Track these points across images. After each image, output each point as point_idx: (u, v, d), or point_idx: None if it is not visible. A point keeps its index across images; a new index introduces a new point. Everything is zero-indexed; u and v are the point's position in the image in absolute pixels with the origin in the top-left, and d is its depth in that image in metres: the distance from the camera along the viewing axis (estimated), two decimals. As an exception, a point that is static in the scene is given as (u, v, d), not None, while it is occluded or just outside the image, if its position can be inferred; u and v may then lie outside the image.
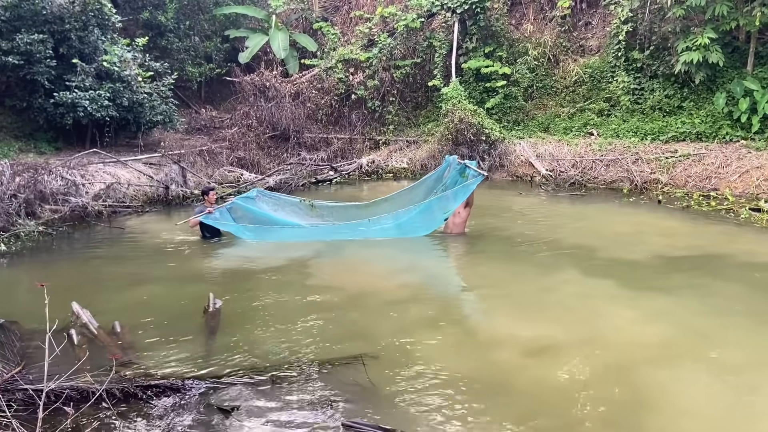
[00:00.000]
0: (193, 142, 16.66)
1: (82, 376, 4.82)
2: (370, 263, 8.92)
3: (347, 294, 7.34)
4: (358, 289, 7.57)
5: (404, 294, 7.37)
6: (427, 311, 6.80)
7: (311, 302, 7.07)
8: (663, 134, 14.85)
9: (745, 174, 12.95)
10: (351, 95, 18.31)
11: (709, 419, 4.56)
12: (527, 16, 18.59)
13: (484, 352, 5.72)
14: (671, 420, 4.51)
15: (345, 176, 16.35)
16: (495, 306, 7.02)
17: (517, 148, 15.90)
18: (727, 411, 4.67)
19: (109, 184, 12.35)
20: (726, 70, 14.57)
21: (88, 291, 7.46)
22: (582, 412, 4.62)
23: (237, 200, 9.91)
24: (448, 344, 5.89)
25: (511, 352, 5.71)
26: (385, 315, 6.66)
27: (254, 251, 9.35)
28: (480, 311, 7.11)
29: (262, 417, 4.57)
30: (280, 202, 10.29)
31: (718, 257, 8.64)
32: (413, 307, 6.90)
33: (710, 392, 4.94)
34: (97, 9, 13.93)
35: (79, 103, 12.90)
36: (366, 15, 19.71)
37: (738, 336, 5.96)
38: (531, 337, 5.99)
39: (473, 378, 5.14)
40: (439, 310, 6.91)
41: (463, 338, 6.07)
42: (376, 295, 7.36)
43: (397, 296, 7.26)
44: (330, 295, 7.27)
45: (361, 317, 6.65)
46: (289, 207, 10.20)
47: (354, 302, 7.07)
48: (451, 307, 7.19)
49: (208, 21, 20.15)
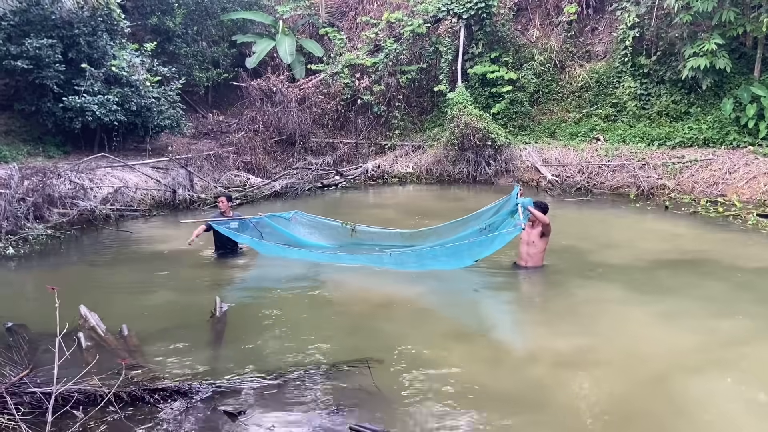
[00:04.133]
0: (200, 146, 16.74)
1: (90, 379, 4.84)
2: (387, 274, 8.38)
3: (359, 302, 7.25)
4: (370, 298, 7.42)
5: (416, 304, 7.22)
6: (439, 320, 6.71)
7: (320, 308, 7.06)
8: (670, 140, 14.81)
9: (753, 180, 12.90)
10: (357, 100, 18.35)
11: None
12: (533, 22, 18.60)
13: (496, 361, 5.71)
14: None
15: (351, 181, 16.37)
16: (506, 314, 7.00)
17: (523, 154, 15.89)
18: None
19: (117, 188, 12.42)
20: (733, 75, 14.52)
21: (95, 294, 7.50)
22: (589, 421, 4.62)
23: (266, 217, 9.18)
24: (460, 352, 5.83)
25: (525, 361, 5.71)
26: (396, 322, 6.61)
27: (263, 258, 9.24)
28: (492, 319, 7.07)
29: (268, 421, 4.58)
30: (318, 225, 9.43)
31: (727, 263, 8.59)
32: (424, 315, 6.84)
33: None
34: (105, 14, 14.04)
35: (87, 108, 12.98)
36: (372, 20, 19.75)
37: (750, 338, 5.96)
38: (549, 346, 5.97)
39: (486, 387, 5.13)
40: (453, 319, 6.81)
41: (479, 348, 6.02)
42: (390, 304, 7.21)
43: (409, 306, 7.15)
44: (341, 304, 7.22)
45: (372, 324, 6.62)
46: (326, 230, 9.36)
47: (365, 310, 7.00)
48: (465, 317, 7.03)
49: (216, 26, 20.24)
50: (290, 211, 9.53)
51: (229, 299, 7.14)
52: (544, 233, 8.01)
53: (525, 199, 7.75)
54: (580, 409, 4.76)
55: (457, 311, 7.19)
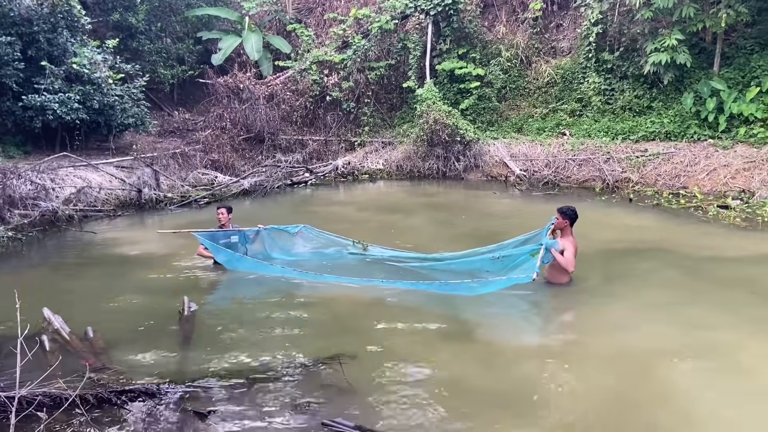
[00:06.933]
0: (166, 144, 16.47)
1: (55, 382, 4.73)
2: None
3: (333, 301, 7.12)
4: (344, 297, 7.22)
5: (391, 301, 7.08)
6: (413, 316, 6.59)
7: (293, 307, 6.93)
8: (633, 134, 15.12)
9: (713, 172, 13.26)
10: (326, 97, 18.28)
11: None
12: (500, 18, 18.79)
13: (469, 355, 5.74)
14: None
15: (321, 178, 16.32)
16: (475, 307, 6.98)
17: (492, 149, 16.04)
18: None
19: (80, 188, 12.16)
20: (693, 70, 14.90)
21: (59, 297, 7.33)
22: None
23: (264, 230, 8.58)
24: (433, 347, 5.84)
25: (497, 354, 5.76)
26: (370, 320, 6.54)
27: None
28: (464, 314, 7.02)
29: (238, 419, 4.55)
30: (326, 241, 8.68)
31: (688, 253, 8.81)
32: (398, 312, 6.75)
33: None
34: (66, 10, 13.69)
35: (48, 106, 12.67)
36: (340, 17, 19.70)
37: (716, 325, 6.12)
38: (521, 340, 6.04)
39: (460, 380, 5.17)
40: (428, 315, 6.68)
41: (452, 343, 5.98)
42: (365, 302, 7.05)
43: (383, 304, 7.02)
44: (315, 303, 7.08)
45: (345, 322, 6.56)
46: (334, 248, 8.66)
47: (340, 309, 6.90)
48: (439, 314, 6.85)
49: (180, 23, 19.94)
50: (297, 225, 8.73)
51: (198, 299, 7.05)
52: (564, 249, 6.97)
53: (551, 240, 6.99)
54: (558, 405, 4.83)
55: (431, 308, 7.12)
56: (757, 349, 5.60)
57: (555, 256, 6.94)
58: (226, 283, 8.06)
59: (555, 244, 6.97)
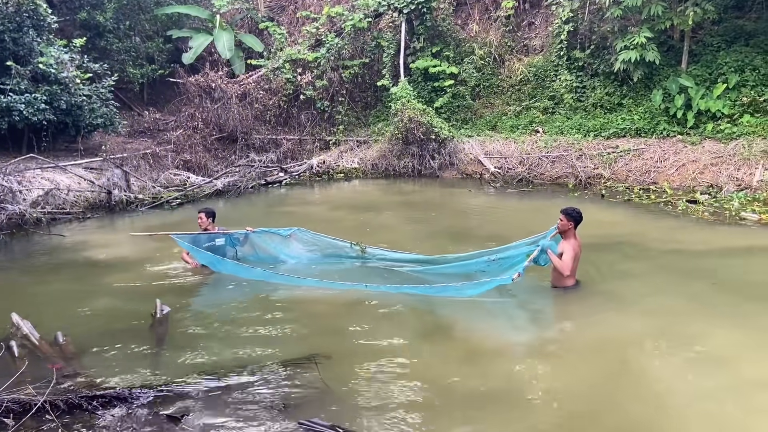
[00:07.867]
0: (137, 145, 16.20)
1: (24, 388, 4.62)
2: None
3: (310, 302, 7.03)
4: (322, 298, 7.12)
5: (370, 302, 6.97)
6: (390, 317, 6.55)
7: (269, 309, 6.82)
8: (605, 131, 15.32)
9: (682, 167, 13.51)
10: (299, 96, 18.17)
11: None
12: (473, 17, 18.86)
13: (448, 354, 5.75)
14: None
15: (295, 177, 16.22)
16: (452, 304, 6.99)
17: (466, 147, 16.12)
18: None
19: (48, 190, 11.89)
20: (662, 68, 15.14)
21: (28, 301, 7.17)
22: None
23: (254, 233, 8.30)
24: (412, 347, 5.80)
25: (474, 353, 5.78)
26: (347, 320, 6.47)
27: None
28: (444, 312, 6.98)
29: (213, 422, 4.49)
30: (322, 244, 8.41)
31: (658, 246, 8.96)
32: (377, 313, 6.67)
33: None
34: (31, 9, 13.35)
35: (14, 107, 12.36)
36: (312, 15, 19.59)
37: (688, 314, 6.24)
38: (495, 338, 6.07)
39: (438, 379, 5.17)
40: (406, 315, 6.64)
41: (431, 343, 5.98)
42: (343, 303, 6.96)
43: (362, 304, 6.93)
44: (292, 304, 7.00)
45: (321, 322, 6.50)
46: (330, 250, 8.41)
47: (315, 310, 6.82)
48: (414, 311, 6.82)
49: (150, 21, 19.62)
50: (290, 228, 8.45)
51: (172, 302, 6.93)
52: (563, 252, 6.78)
53: (549, 242, 6.82)
54: (537, 403, 4.86)
55: (412, 308, 7.03)
56: (724, 339, 5.72)
57: (551, 258, 6.74)
58: (202, 286, 7.93)
59: (553, 245, 6.79)
